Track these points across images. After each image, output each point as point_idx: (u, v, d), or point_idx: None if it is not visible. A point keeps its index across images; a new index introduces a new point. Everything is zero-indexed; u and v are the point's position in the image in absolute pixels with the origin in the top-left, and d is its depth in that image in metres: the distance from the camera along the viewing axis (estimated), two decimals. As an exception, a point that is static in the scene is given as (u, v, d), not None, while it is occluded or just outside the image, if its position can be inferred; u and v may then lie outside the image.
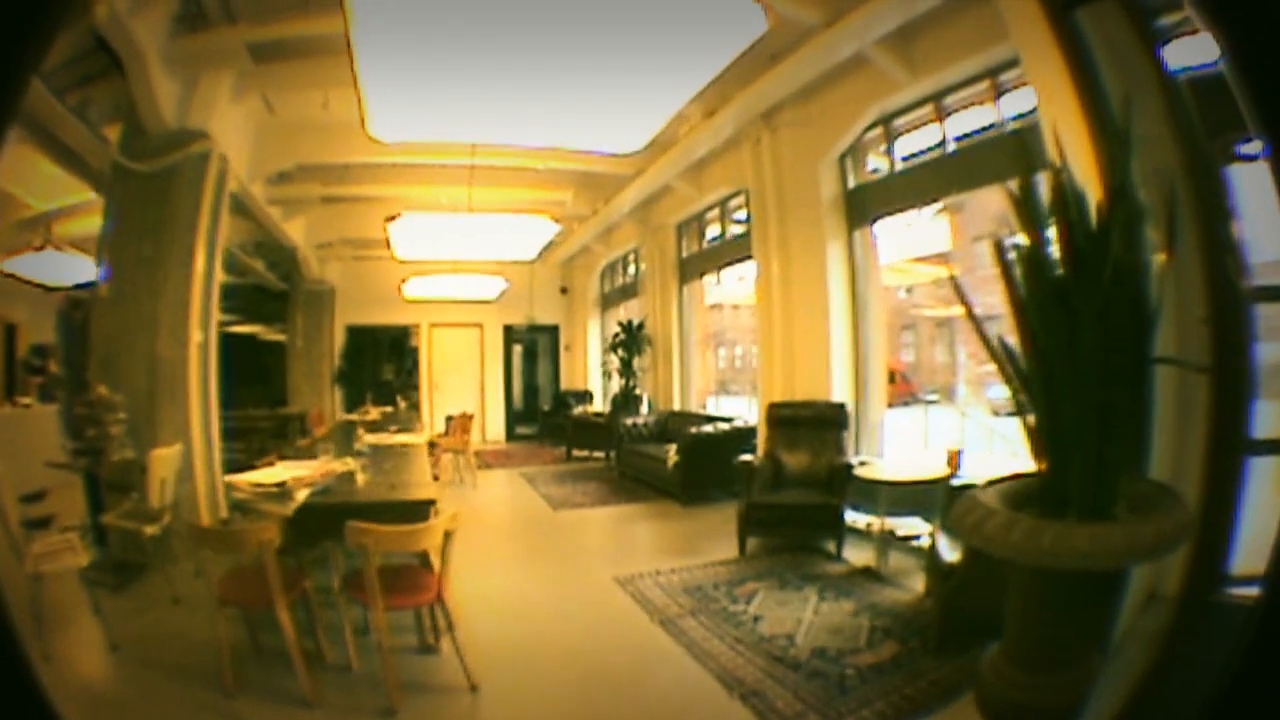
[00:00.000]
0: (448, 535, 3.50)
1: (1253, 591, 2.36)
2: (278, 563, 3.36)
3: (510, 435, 14.11)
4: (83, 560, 4.08)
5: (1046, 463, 2.35)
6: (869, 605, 4.37)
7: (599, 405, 12.82)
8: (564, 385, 14.34)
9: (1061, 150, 2.54)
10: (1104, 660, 2.39)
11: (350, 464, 4.48)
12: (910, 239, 11.01)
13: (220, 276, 6.43)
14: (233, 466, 5.63)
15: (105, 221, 5.85)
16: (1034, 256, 2.32)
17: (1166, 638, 2.67)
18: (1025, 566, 2.17)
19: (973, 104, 5.22)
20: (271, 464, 4.64)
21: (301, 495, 3.85)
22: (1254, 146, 2.59)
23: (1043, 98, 3.51)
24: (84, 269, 6.31)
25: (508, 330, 14.18)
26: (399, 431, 6.86)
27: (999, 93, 4.91)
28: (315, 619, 3.73)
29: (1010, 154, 3.73)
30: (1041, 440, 2.34)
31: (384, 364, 13.73)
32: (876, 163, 6.22)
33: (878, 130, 5.98)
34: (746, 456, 6.08)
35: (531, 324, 14.12)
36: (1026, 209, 2.32)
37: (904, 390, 15.85)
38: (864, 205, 6.26)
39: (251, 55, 5.55)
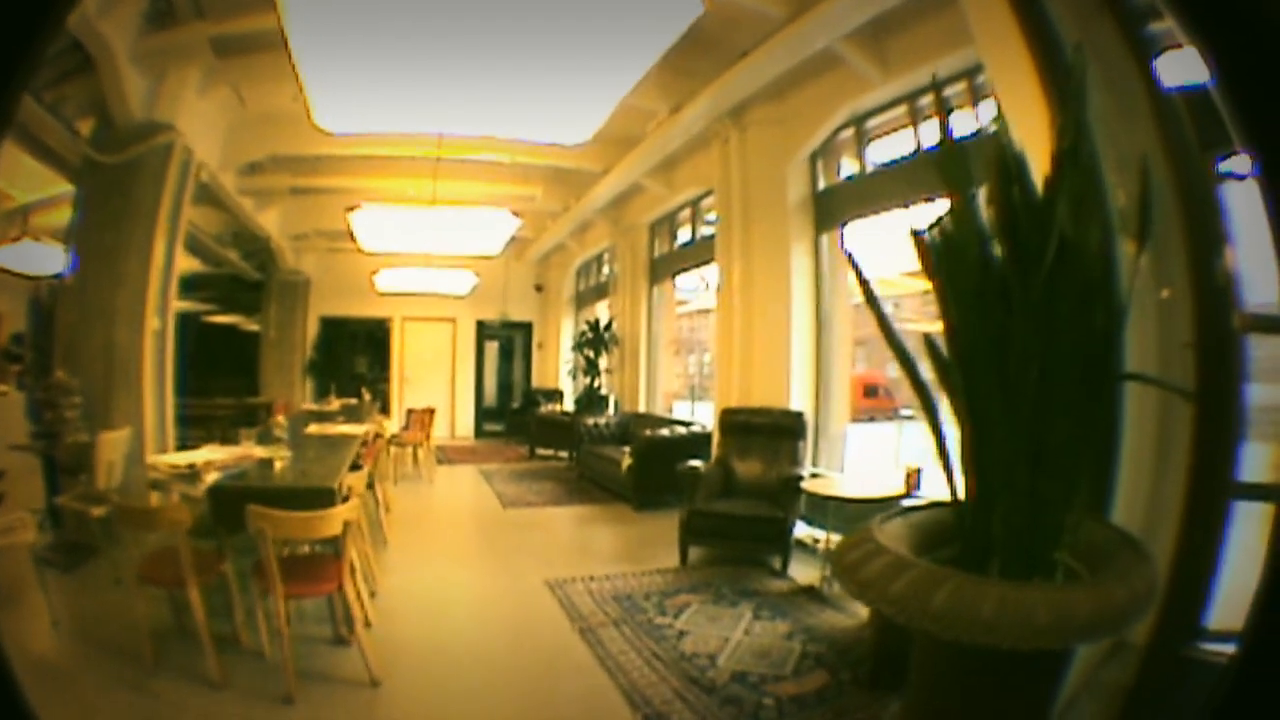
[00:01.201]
0: (347, 525, 3.40)
1: (1228, 649, 2.14)
2: (190, 545, 3.39)
3: (479, 432, 13.93)
4: (32, 537, 4.05)
5: (970, 488, 1.94)
6: (805, 629, 4.16)
7: (569, 405, 12.64)
8: (535, 383, 14.14)
9: (1000, 107, 2.30)
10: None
11: (273, 451, 4.39)
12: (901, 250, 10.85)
13: (181, 266, 6.44)
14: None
15: (74, 213, 6.00)
16: (958, 227, 1.89)
17: (1129, 693, 2.42)
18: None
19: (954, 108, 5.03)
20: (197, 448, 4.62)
21: (210, 478, 3.81)
22: (1239, 164, 2.37)
23: (984, 43, 3.13)
24: (57, 259, 6.43)
25: (480, 326, 13.98)
26: (344, 423, 6.65)
27: (977, 97, 4.72)
28: (235, 603, 3.69)
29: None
30: (964, 460, 1.95)
31: (358, 356, 13.52)
32: (850, 165, 6.03)
33: (850, 132, 5.79)
34: (694, 462, 5.88)
35: (505, 320, 13.93)
36: (950, 166, 1.93)
37: (886, 405, 15.68)
38: (832, 208, 6.09)
39: (215, 50, 5.62)
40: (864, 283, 2.12)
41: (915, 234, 1.97)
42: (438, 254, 8.50)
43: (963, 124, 4.64)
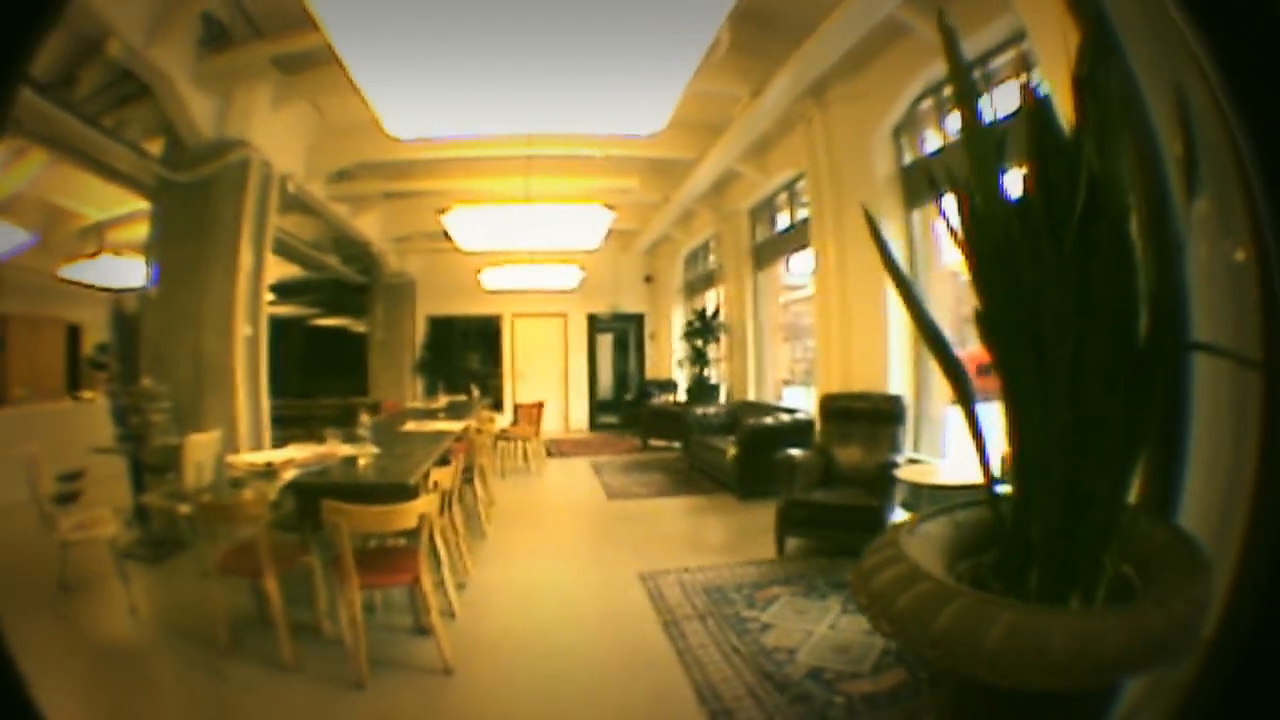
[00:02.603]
0: (423, 518, 3.48)
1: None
2: (270, 537, 3.58)
3: (594, 424, 14.12)
4: (112, 531, 4.41)
5: (1014, 485, 1.70)
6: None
7: (683, 395, 12.64)
8: (649, 374, 14.20)
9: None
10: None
11: (358, 448, 4.58)
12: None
13: (280, 272, 6.78)
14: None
15: (152, 228, 6.31)
16: (986, 204, 1.67)
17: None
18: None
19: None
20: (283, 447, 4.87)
21: (288, 475, 4.01)
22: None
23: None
24: (137, 272, 6.78)
25: (592, 319, 14.15)
26: (444, 420, 6.88)
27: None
28: (318, 593, 3.88)
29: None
30: (1007, 450, 1.73)
31: (470, 353, 13.94)
32: (933, 138, 5.75)
33: (929, 103, 5.51)
34: (792, 451, 5.75)
35: (616, 313, 14.06)
36: (978, 145, 1.69)
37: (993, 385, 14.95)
38: (921, 182, 5.80)
39: (280, 68, 5.81)
40: (887, 260, 1.98)
41: (941, 213, 1.81)
42: (538, 250, 8.68)
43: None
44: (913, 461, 5.44)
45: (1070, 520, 1.56)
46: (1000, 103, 4.72)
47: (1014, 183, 1.70)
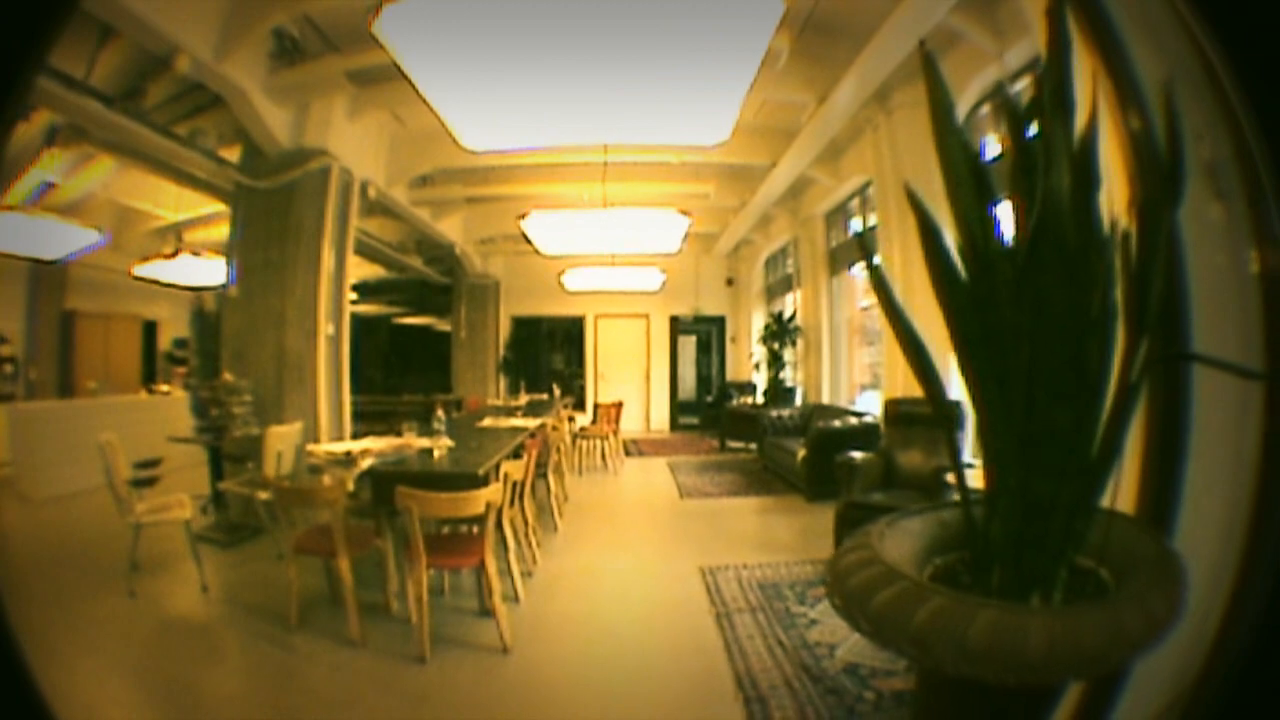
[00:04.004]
0: (489, 505, 3.75)
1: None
2: (345, 520, 3.87)
3: (674, 425, 14.33)
4: (187, 514, 4.76)
5: (987, 484, 1.75)
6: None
7: (760, 397, 12.73)
8: (730, 376, 14.33)
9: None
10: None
11: (433, 441, 4.89)
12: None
13: (363, 273, 7.11)
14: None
15: (232, 231, 6.64)
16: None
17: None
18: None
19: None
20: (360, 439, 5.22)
21: (365, 463, 4.31)
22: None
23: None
24: (215, 271, 7.20)
25: (674, 321, 14.36)
26: (522, 417, 7.20)
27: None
28: (390, 575, 4.21)
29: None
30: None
31: (554, 353, 14.33)
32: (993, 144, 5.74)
33: (988, 108, 5.52)
34: (853, 454, 5.84)
35: (698, 315, 14.23)
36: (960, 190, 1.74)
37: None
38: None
39: (354, 81, 6.03)
40: (871, 269, 2.07)
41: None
42: (619, 253, 8.93)
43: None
44: (968, 466, 5.46)
45: (1027, 523, 1.63)
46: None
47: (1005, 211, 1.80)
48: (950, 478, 5.00)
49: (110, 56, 5.19)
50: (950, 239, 1.86)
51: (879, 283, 2.05)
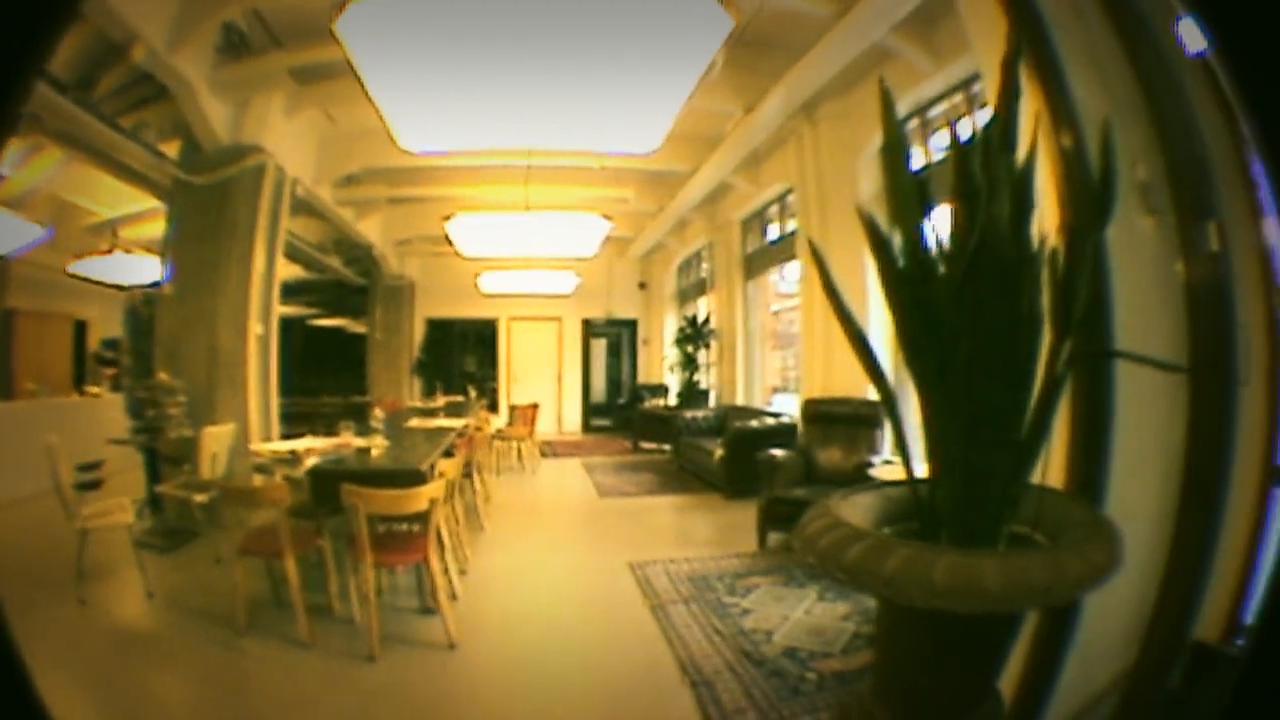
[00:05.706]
0: (433, 502, 3.77)
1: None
2: (289, 520, 3.82)
3: (587, 427, 14.40)
4: (129, 519, 4.61)
5: (928, 464, 1.93)
6: (863, 610, 4.26)
7: (673, 399, 12.93)
8: (641, 379, 14.50)
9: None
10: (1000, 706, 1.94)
11: (370, 440, 4.87)
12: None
13: (284, 273, 6.95)
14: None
15: (168, 228, 6.50)
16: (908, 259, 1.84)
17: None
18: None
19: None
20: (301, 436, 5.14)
21: (310, 462, 4.27)
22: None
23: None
24: (150, 269, 7.01)
25: (586, 324, 14.44)
26: (444, 418, 7.16)
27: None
28: (330, 576, 4.16)
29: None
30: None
31: (467, 355, 14.20)
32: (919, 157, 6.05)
33: (915, 123, 5.83)
34: (774, 451, 6.05)
35: (610, 318, 14.35)
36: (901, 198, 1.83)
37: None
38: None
39: (295, 78, 6.03)
40: (822, 271, 2.20)
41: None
42: (537, 256, 8.96)
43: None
44: (887, 462, 5.75)
45: (968, 489, 1.84)
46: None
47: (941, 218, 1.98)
48: (873, 472, 5.28)
49: (69, 42, 4.97)
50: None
51: (820, 264, 2.20)
